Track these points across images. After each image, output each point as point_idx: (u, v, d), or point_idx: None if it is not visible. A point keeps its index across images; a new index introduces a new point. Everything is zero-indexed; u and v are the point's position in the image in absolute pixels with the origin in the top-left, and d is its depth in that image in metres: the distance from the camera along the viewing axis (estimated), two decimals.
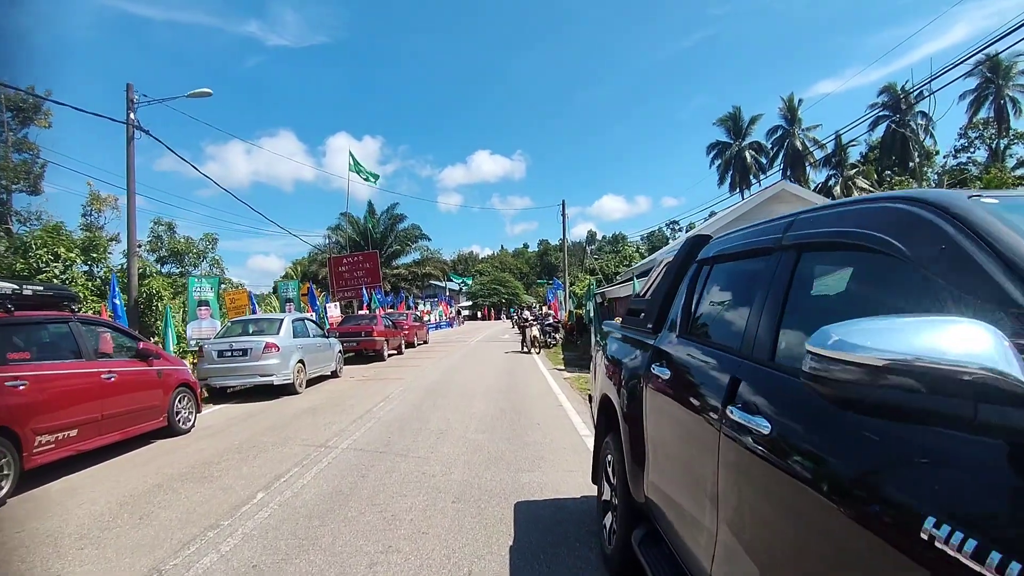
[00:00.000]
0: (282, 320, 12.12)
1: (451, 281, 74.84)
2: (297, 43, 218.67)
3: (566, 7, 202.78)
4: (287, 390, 11.87)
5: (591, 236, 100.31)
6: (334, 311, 21.85)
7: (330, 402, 10.72)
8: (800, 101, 54.76)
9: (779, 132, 55.27)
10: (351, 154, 30.61)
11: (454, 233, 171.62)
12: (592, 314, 16.68)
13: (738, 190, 56.74)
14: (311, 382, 12.81)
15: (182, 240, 31.29)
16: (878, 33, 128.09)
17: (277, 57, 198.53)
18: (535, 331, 20.97)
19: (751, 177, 57.22)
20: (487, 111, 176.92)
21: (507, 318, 63.79)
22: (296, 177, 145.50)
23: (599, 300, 18.27)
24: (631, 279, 16.66)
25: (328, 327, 18.27)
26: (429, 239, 54.14)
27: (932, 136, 52.49)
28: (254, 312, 15.99)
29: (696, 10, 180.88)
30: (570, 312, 26.27)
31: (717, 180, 58.18)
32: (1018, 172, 42.00)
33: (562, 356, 19.20)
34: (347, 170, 29.63)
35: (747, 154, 56.89)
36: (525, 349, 20.95)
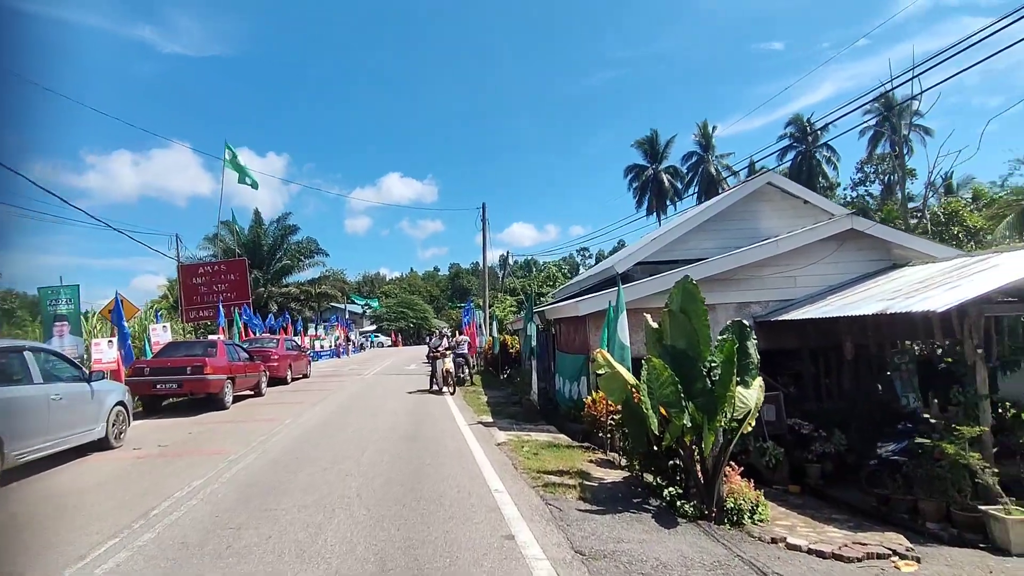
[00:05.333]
0: None
1: (353, 303, 68.05)
2: (195, 52, 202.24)
3: (476, 38, 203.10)
4: None
5: (504, 260, 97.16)
6: (163, 334, 15.81)
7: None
8: (715, 128, 55.00)
9: (694, 158, 55.40)
10: (227, 146, 24.60)
11: (361, 256, 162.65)
12: (534, 341, 12.23)
13: (655, 214, 55.70)
14: (33, 467, 7.04)
15: None
16: (760, 86, 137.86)
17: (173, 65, 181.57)
18: (448, 364, 16.17)
19: (667, 201, 56.55)
20: (399, 134, 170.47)
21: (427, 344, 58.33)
22: (192, 192, 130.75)
23: (539, 324, 13.85)
24: (576, 297, 12.35)
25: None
26: (327, 254, 47.71)
27: (835, 167, 54.09)
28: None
29: (602, 53, 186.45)
30: (493, 338, 21.69)
31: (635, 203, 56.79)
32: (910, 205, 43.63)
33: (485, 398, 14.54)
34: (224, 169, 23.68)
35: (664, 177, 56.14)
36: (435, 387, 16.07)
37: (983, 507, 5.88)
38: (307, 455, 7.90)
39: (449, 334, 28.52)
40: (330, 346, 42.89)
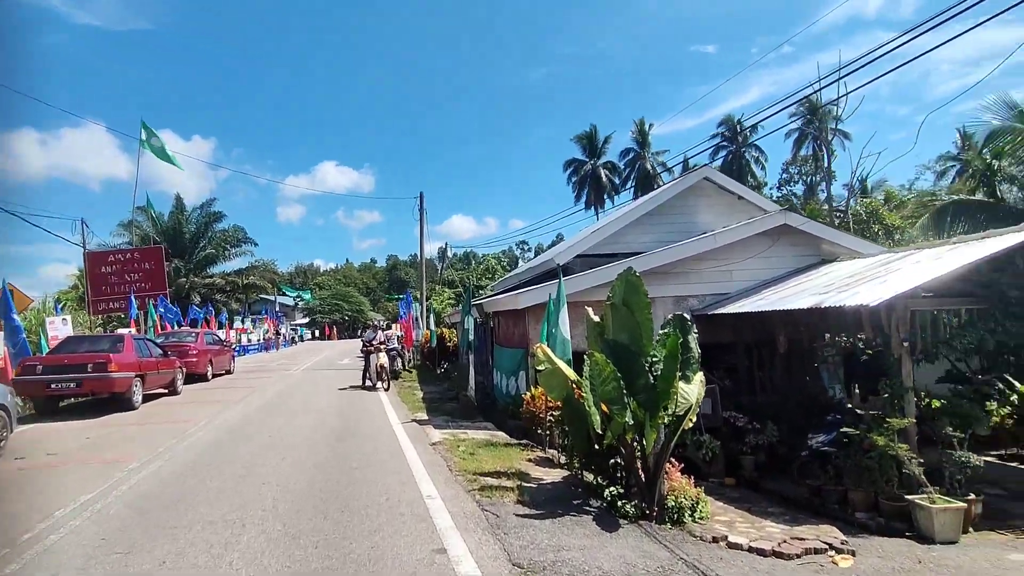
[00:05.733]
0: None
1: (284, 295, 65.27)
2: (111, 24, 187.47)
3: (414, 26, 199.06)
4: None
5: (443, 252, 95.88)
6: (62, 328, 14.32)
7: None
8: (651, 126, 56.25)
9: (631, 154, 56.51)
10: (144, 126, 22.62)
11: (294, 246, 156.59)
12: (472, 335, 11.83)
13: (593, 208, 56.47)
14: None
15: None
16: (694, 87, 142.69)
17: (86, 38, 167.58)
18: (383, 358, 15.53)
19: (605, 195, 57.49)
20: (335, 122, 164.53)
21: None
22: (108, 175, 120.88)
23: (477, 317, 13.43)
24: (515, 290, 12.05)
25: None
26: (255, 243, 45.30)
27: (763, 167, 56.58)
28: None
29: (544, 48, 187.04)
30: (430, 331, 21.14)
31: (574, 197, 57.41)
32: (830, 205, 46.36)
33: (421, 393, 14.04)
34: (140, 151, 21.70)
35: (602, 172, 57.00)
36: (369, 383, 15.40)
37: (909, 496, 6.01)
38: (221, 461, 7.18)
39: (385, 327, 27.74)
40: (259, 340, 40.89)
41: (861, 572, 4.66)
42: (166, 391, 13.87)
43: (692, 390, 5.89)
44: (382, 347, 16.26)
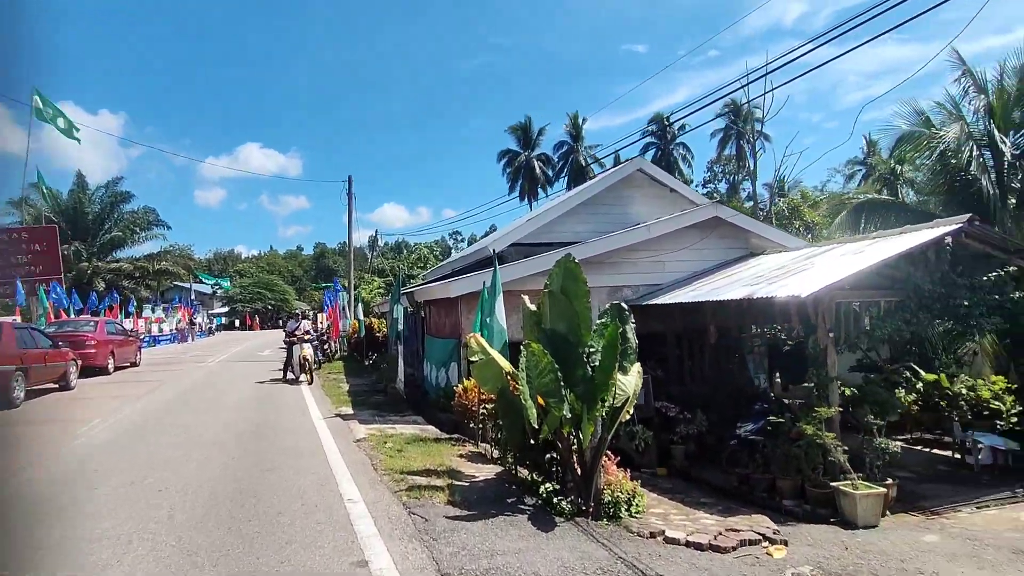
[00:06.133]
0: None
1: (202, 282, 61.34)
2: None
3: (348, 7, 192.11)
4: None
5: (373, 240, 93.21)
6: None
7: None
8: (584, 120, 56.94)
9: (565, 147, 56.95)
10: (37, 93, 20.22)
11: (214, 232, 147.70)
12: (401, 324, 11.30)
13: (527, 199, 56.61)
14: None
15: None
16: (625, 84, 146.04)
17: None
18: (307, 350, 14.66)
19: (539, 187, 57.74)
20: (259, 103, 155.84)
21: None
22: None
23: (408, 306, 12.86)
24: (449, 278, 11.64)
25: None
26: (168, 227, 41.99)
27: (690, 165, 58.66)
28: None
29: (479, 37, 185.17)
30: (358, 321, 20.32)
31: (508, 188, 57.32)
32: (751, 203, 48.82)
33: (347, 386, 13.36)
34: (31, 121, 19.33)
35: (536, 164, 57.24)
36: (291, 376, 14.53)
37: (834, 484, 6.15)
38: (113, 465, 6.37)
39: (312, 316, 26.51)
40: (171, 330, 38.14)
41: (794, 562, 4.66)
42: (56, 386, 12.45)
43: (630, 381, 5.73)
44: (306, 337, 15.40)
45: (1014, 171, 11.30)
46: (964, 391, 8.39)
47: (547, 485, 5.47)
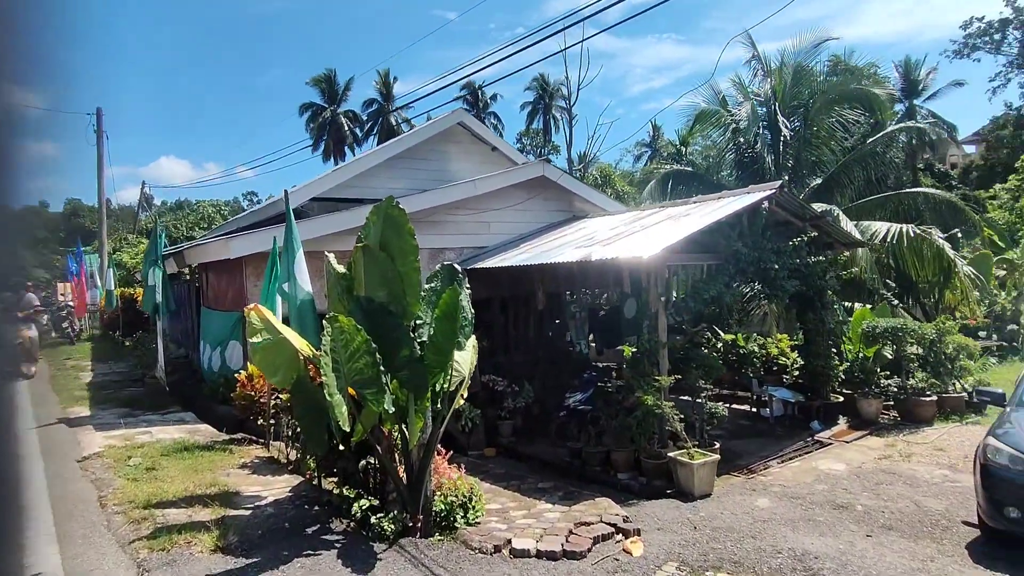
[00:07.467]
0: None
1: None
2: None
3: None
4: None
5: (147, 198, 78.64)
6: None
7: None
8: (395, 79, 54.25)
9: (375, 106, 53.99)
10: None
11: None
12: (160, 293, 8.76)
13: (332, 158, 52.56)
14: None
15: None
16: (438, 51, 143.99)
17: None
18: (31, 332, 11.04)
19: (346, 147, 53.98)
20: None
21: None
22: None
23: (177, 270, 10.13)
24: (229, 235, 9.35)
25: None
26: None
27: (501, 135, 59.86)
28: None
29: None
30: (108, 292, 16.31)
31: (311, 145, 52.45)
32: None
33: (89, 376, 10.29)
34: None
35: (343, 121, 53.29)
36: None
37: (671, 454, 5.89)
38: None
39: (53, 287, 20.98)
40: None
41: (652, 557, 4.11)
42: None
43: (465, 358, 4.69)
44: (31, 315, 11.70)
45: (789, 150, 12.66)
46: (756, 349, 9.03)
47: (362, 501, 4.20)
